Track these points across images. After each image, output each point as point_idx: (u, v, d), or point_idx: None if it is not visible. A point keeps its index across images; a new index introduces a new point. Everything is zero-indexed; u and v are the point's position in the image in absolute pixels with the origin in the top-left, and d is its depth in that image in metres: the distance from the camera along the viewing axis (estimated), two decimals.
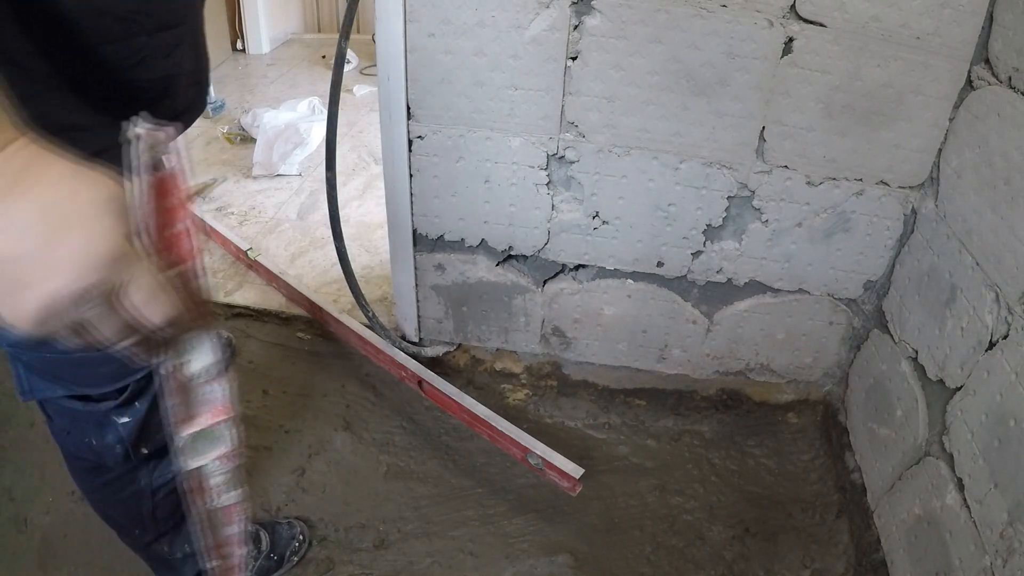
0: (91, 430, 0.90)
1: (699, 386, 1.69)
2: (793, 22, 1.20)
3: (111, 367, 0.83)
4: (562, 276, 1.56)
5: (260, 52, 3.65)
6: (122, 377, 0.86)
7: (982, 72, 1.17)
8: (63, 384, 0.84)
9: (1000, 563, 0.98)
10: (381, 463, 1.54)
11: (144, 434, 0.93)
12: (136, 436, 0.92)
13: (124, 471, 0.97)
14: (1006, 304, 1.06)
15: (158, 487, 1.02)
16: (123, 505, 1.03)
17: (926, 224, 1.33)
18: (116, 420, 0.90)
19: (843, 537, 1.43)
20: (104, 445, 0.91)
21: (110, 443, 0.91)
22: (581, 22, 1.23)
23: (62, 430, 0.92)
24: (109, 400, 0.87)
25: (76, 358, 0.80)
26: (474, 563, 1.38)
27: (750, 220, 1.42)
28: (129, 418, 0.90)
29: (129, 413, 0.90)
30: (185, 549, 1.15)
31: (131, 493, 1.01)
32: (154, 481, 1.01)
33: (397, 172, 1.44)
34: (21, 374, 0.83)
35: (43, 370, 0.82)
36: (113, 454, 0.93)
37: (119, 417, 0.89)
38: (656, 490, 1.53)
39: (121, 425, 0.90)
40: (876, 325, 1.49)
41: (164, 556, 1.14)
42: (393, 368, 1.61)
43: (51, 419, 0.92)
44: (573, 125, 1.34)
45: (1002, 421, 1.02)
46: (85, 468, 0.98)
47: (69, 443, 0.94)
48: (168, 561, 1.15)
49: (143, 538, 1.09)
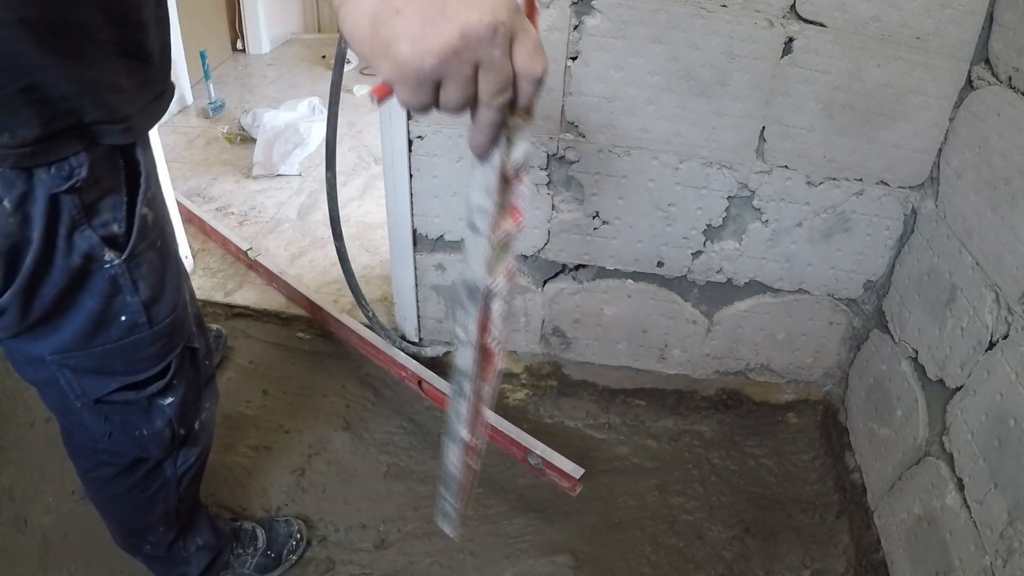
0: (140, 420, 0.91)
1: (699, 386, 1.69)
2: (793, 22, 1.20)
3: (159, 345, 0.86)
4: (562, 276, 1.56)
5: (260, 52, 3.65)
6: (167, 355, 0.88)
7: (982, 72, 1.17)
8: (115, 377, 0.84)
9: (1000, 563, 0.98)
10: (381, 463, 1.54)
11: (184, 414, 0.96)
12: (180, 416, 0.95)
13: (154, 464, 0.99)
14: (1006, 304, 1.06)
15: (183, 474, 1.04)
16: (150, 503, 1.04)
17: (926, 224, 1.33)
18: (162, 403, 0.92)
19: (843, 537, 1.43)
20: (154, 432, 0.93)
21: (159, 428, 0.93)
22: (581, 22, 1.23)
23: (103, 435, 0.91)
24: (154, 383, 0.89)
25: (129, 342, 0.81)
26: (474, 563, 1.38)
27: (750, 220, 1.42)
28: (173, 398, 0.93)
29: (172, 393, 0.92)
30: (198, 543, 1.18)
31: (158, 487, 1.03)
32: (179, 469, 1.03)
33: (397, 172, 1.44)
34: (71, 380, 0.82)
35: (93, 367, 0.82)
36: (161, 440, 0.95)
37: (164, 399, 0.92)
38: (656, 490, 1.53)
39: (167, 406, 0.93)
40: (876, 325, 1.49)
41: (180, 553, 1.16)
42: (393, 368, 1.61)
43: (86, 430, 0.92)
44: (573, 125, 1.34)
45: (1002, 421, 1.02)
46: (115, 473, 0.98)
47: (106, 450, 0.94)
48: (183, 559, 1.17)
49: (167, 537, 1.11)
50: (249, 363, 1.74)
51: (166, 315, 0.84)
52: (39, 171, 0.64)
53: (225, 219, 2.22)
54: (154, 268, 0.80)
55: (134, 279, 0.77)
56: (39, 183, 0.64)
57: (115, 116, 0.68)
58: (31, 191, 0.64)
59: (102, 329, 0.78)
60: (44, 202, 0.65)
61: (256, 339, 1.80)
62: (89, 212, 0.70)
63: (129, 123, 0.70)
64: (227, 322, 1.82)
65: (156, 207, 0.79)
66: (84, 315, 0.76)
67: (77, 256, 0.71)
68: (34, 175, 0.63)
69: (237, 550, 1.28)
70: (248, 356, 1.76)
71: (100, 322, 0.77)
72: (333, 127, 1.35)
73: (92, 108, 0.65)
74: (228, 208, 2.29)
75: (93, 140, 0.67)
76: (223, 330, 1.76)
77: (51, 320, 0.75)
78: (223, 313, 1.84)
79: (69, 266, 0.71)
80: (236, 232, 2.10)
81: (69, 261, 0.71)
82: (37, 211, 0.65)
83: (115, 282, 0.76)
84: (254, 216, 2.26)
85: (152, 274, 0.79)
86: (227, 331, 1.78)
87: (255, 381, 1.69)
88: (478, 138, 0.47)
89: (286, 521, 1.36)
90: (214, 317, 1.83)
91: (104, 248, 0.73)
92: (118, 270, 0.75)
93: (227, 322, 1.82)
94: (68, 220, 0.68)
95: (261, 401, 1.65)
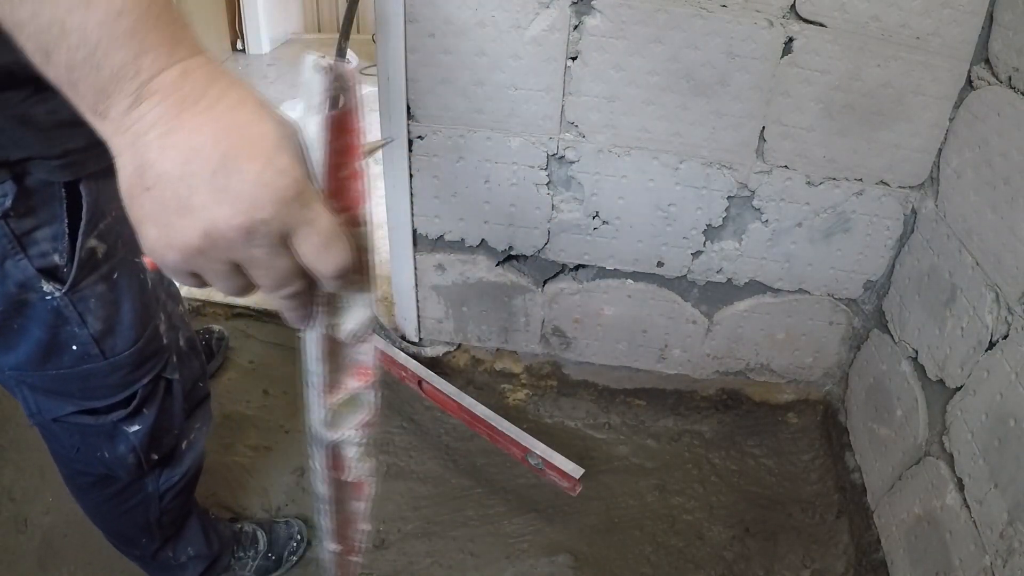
0: (102, 443, 0.89)
1: (699, 386, 1.69)
2: (793, 22, 1.20)
3: (119, 375, 0.83)
4: (562, 276, 1.56)
5: (260, 52, 3.65)
6: (130, 385, 0.85)
7: (982, 72, 1.17)
8: (71, 400, 0.83)
9: (1000, 563, 0.98)
10: (381, 463, 1.54)
11: (154, 441, 0.92)
12: (147, 443, 0.92)
13: (132, 480, 0.97)
14: (1006, 304, 1.06)
15: (165, 491, 1.01)
16: (130, 515, 1.03)
17: (926, 224, 1.33)
18: (127, 430, 0.89)
19: (843, 537, 1.43)
20: (116, 456, 0.91)
21: (122, 453, 0.91)
22: (581, 22, 1.23)
23: (71, 448, 0.90)
24: (118, 410, 0.86)
25: (83, 370, 0.79)
26: (474, 563, 1.38)
27: (750, 220, 1.42)
28: (139, 426, 0.89)
29: (139, 421, 0.89)
30: (189, 552, 1.15)
31: (138, 501, 1.01)
32: (161, 486, 1.01)
33: (397, 172, 1.44)
34: (28, 397, 0.82)
35: (50, 389, 0.81)
36: (125, 464, 0.92)
37: (129, 426, 0.89)
38: (656, 490, 1.53)
39: (132, 434, 0.89)
40: (876, 325, 1.49)
41: (169, 562, 1.14)
42: (393, 368, 1.61)
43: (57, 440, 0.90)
44: (573, 125, 1.34)
45: (1002, 421, 1.02)
46: (91, 483, 0.98)
47: (78, 461, 0.93)
48: (173, 567, 1.15)
49: (150, 547, 1.09)
50: (249, 363, 1.74)
51: (124, 348, 0.81)
52: None
53: None
54: (106, 302, 0.77)
55: (80, 311, 0.75)
56: None
57: (50, 152, 0.64)
58: None
59: (53, 356, 0.77)
60: None
61: (256, 339, 1.80)
62: (23, 242, 0.67)
63: (70, 159, 0.66)
64: (227, 322, 1.82)
65: (112, 238, 0.75)
66: (32, 341, 0.74)
67: (12, 285, 0.69)
68: None
69: (238, 553, 1.28)
70: (248, 356, 1.76)
71: (49, 349, 0.76)
72: None
73: (17, 144, 0.62)
74: None
75: (22, 173, 0.64)
76: (224, 331, 1.76)
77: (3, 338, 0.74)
78: (223, 313, 1.84)
79: (5, 293, 0.69)
80: None
81: (4, 288, 0.69)
82: None
83: (59, 313, 0.73)
84: None
85: (103, 307, 0.77)
86: (228, 331, 1.78)
87: (255, 381, 1.69)
88: (287, 315, 0.43)
89: (286, 522, 1.36)
90: (214, 317, 1.83)
91: (41, 280, 0.70)
92: (60, 302, 0.73)
93: (227, 322, 1.82)
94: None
95: (261, 401, 1.65)
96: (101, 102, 0.35)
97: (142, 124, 0.35)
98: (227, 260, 0.37)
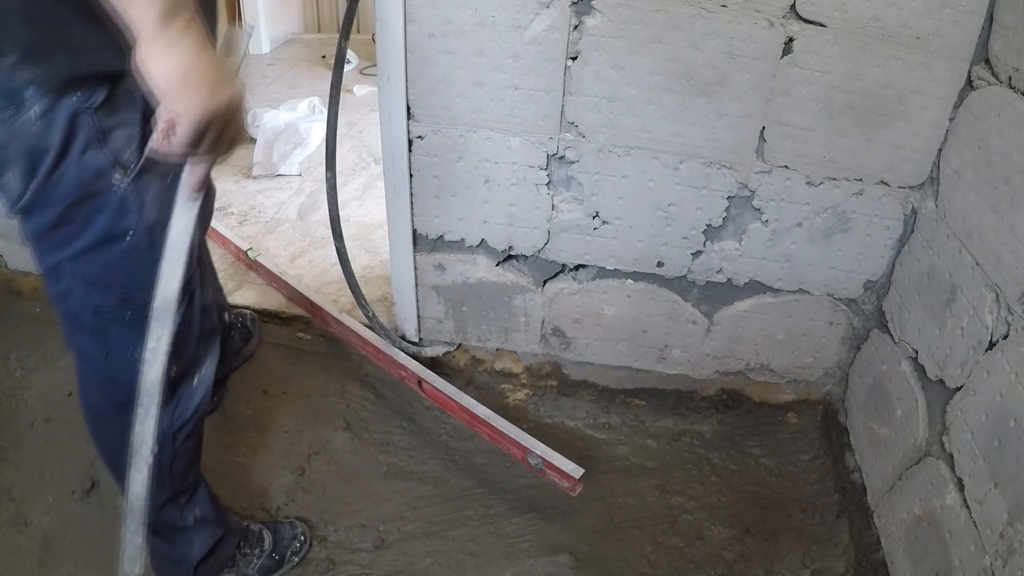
0: (135, 341, 0.96)
1: (699, 386, 1.69)
2: (793, 22, 1.20)
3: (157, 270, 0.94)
4: (562, 276, 1.56)
5: (260, 52, 3.65)
6: None
7: (982, 72, 1.17)
8: (117, 289, 0.95)
9: (1000, 563, 0.98)
10: (381, 463, 1.54)
11: (176, 348, 0.99)
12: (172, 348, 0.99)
13: None
14: (1006, 304, 1.06)
15: (179, 428, 1.09)
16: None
17: (926, 224, 1.33)
18: None
19: (843, 537, 1.43)
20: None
21: None
22: (581, 22, 1.23)
23: (101, 354, 1.00)
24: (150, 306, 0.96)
25: (133, 260, 0.92)
26: (474, 563, 1.38)
27: (750, 220, 1.42)
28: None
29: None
30: (196, 513, 1.19)
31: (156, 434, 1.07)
32: (175, 421, 1.08)
33: (397, 172, 1.44)
34: (76, 288, 0.94)
35: (100, 279, 0.94)
36: None
37: None
38: (656, 490, 1.53)
39: None
40: (876, 325, 1.49)
41: (175, 521, 1.17)
42: (393, 368, 1.61)
43: (91, 346, 1.01)
44: (573, 125, 1.34)
45: (1002, 421, 1.02)
46: (112, 411, 1.04)
47: (109, 369, 1.01)
48: (179, 528, 1.18)
49: (159, 496, 1.12)
50: (249, 363, 1.74)
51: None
52: (66, 96, 0.78)
53: (225, 219, 2.22)
54: (161, 198, 0.89)
55: (140, 201, 0.88)
56: (65, 103, 0.79)
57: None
58: (57, 106, 0.78)
59: (110, 243, 0.90)
60: (66, 118, 0.79)
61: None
62: (104, 136, 0.83)
63: None
64: None
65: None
66: (95, 230, 0.88)
67: (89, 174, 0.84)
68: (62, 97, 0.78)
69: (244, 550, 1.28)
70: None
71: (108, 237, 0.89)
72: (333, 127, 1.35)
73: (109, 63, 0.79)
74: (228, 208, 2.29)
75: (115, 81, 0.81)
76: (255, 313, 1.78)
77: (67, 226, 0.88)
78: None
79: (82, 179, 0.84)
80: (236, 232, 2.10)
81: (82, 175, 0.83)
82: (59, 124, 0.79)
83: (123, 202, 0.87)
84: (254, 216, 2.26)
85: (159, 202, 0.89)
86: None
87: (255, 381, 1.69)
88: (197, 179, 0.79)
89: (291, 523, 1.36)
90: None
91: (115, 169, 0.85)
92: (126, 191, 0.87)
93: None
94: (84, 138, 0.81)
95: (261, 401, 1.65)
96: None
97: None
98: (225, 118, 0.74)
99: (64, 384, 1.61)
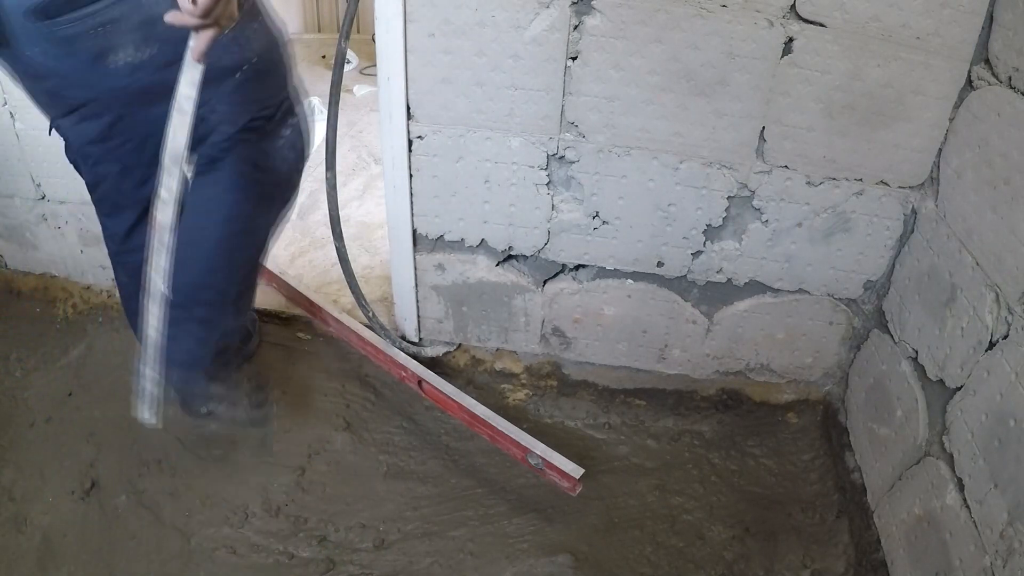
0: (302, 138, 1.33)
1: (699, 386, 1.69)
2: (793, 22, 1.20)
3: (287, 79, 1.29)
4: (562, 276, 1.56)
5: None
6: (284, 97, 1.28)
7: (982, 72, 1.17)
8: (252, 105, 1.20)
9: (1000, 563, 0.98)
10: (381, 463, 1.54)
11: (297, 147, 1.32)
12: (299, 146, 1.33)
13: (289, 192, 1.34)
14: (1006, 304, 1.06)
15: (276, 227, 1.33)
16: (256, 244, 1.31)
17: (926, 224, 1.33)
18: (285, 132, 1.29)
19: (843, 537, 1.43)
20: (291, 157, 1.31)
21: (288, 155, 1.30)
22: (581, 22, 1.23)
23: (261, 155, 1.25)
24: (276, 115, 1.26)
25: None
26: (474, 563, 1.38)
27: (750, 220, 1.42)
28: (291, 129, 1.29)
29: (291, 124, 1.29)
30: (252, 315, 1.56)
31: (265, 237, 1.31)
32: (278, 219, 1.33)
33: (397, 172, 1.44)
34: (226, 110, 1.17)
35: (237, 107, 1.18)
36: (291, 158, 1.31)
37: (286, 130, 1.29)
38: (656, 490, 1.53)
39: (290, 130, 1.29)
40: (876, 325, 1.49)
41: (241, 306, 1.39)
42: (393, 368, 1.61)
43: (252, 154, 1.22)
44: (573, 125, 1.34)
45: (1002, 421, 1.02)
46: (263, 192, 1.27)
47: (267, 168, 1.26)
48: (242, 312, 1.43)
49: (231, 291, 1.30)
50: (249, 363, 1.74)
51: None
52: None
53: None
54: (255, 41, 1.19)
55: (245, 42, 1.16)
56: None
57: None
58: None
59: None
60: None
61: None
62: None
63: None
64: None
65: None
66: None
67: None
68: None
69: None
70: None
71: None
72: (333, 127, 1.35)
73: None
74: None
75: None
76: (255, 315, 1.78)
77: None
78: None
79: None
80: None
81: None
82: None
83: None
84: None
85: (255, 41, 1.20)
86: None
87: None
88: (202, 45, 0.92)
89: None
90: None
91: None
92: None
93: None
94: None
95: None
96: None
97: None
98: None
99: (64, 384, 1.61)
